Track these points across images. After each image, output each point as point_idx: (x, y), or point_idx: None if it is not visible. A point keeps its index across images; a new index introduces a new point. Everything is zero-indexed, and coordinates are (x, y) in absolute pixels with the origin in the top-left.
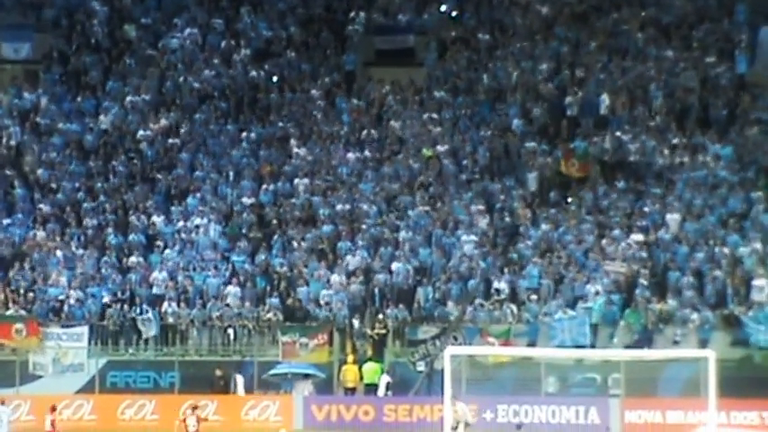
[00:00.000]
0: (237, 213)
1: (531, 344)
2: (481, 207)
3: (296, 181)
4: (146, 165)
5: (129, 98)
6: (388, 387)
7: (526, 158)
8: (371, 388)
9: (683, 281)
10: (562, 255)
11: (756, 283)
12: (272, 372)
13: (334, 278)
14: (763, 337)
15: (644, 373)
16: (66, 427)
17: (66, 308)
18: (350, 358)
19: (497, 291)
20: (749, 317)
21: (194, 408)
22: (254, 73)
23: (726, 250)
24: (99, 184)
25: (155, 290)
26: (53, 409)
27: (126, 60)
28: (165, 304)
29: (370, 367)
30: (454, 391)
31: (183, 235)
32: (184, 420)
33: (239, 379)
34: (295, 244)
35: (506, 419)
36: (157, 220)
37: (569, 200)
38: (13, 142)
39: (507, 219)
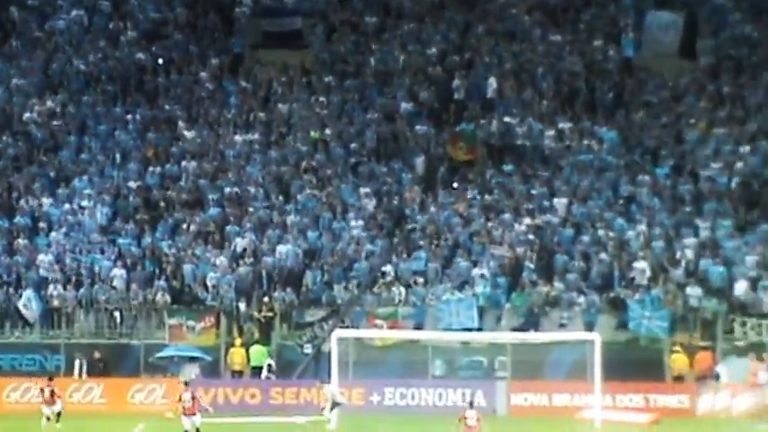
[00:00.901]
0: (124, 196)
1: (419, 327)
2: (369, 190)
3: (183, 164)
4: (32, 147)
5: (14, 80)
6: (270, 369)
7: (414, 142)
8: (258, 371)
9: (569, 264)
10: (449, 238)
11: (638, 265)
12: (159, 355)
13: (222, 261)
14: (645, 324)
15: (530, 355)
16: None
17: None
18: (237, 341)
19: (384, 274)
20: (635, 301)
21: (186, 383)
22: (140, 55)
23: (612, 234)
24: None
25: (41, 272)
26: None
27: (12, 42)
28: (51, 287)
29: (258, 350)
30: (341, 374)
31: (70, 217)
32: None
33: (77, 363)
34: (182, 227)
35: (393, 402)
36: (44, 202)
37: (456, 183)
38: None
39: (395, 202)
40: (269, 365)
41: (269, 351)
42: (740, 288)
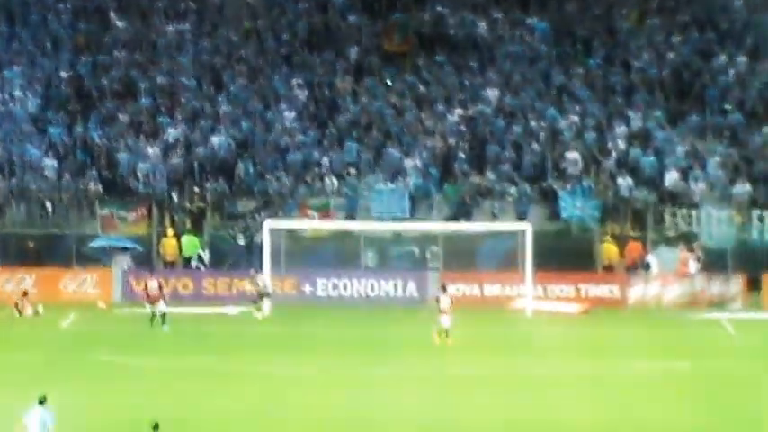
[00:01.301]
0: (55, 86)
1: (351, 218)
2: (301, 81)
3: (115, 53)
4: None
5: None
6: (200, 260)
7: (346, 32)
8: (190, 261)
9: (501, 154)
10: (381, 129)
11: (570, 156)
12: (91, 245)
13: (154, 151)
14: (577, 213)
15: (462, 246)
16: None
17: None
18: (169, 232)
19: (317, 164)
20: (566, 191)
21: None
22: None
23: (544, 124)
24: None
25: None
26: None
27: None
28: None
29: (189, 240)
30: (273, 265)
31: (1, 107)
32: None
33: None
34: (114, 117)
35: (325, 293)
36: None
37: (389, 74)
38: None
39: (327, 93)
40: (199, 255)
41: (201, 242)
42: (671, 178)
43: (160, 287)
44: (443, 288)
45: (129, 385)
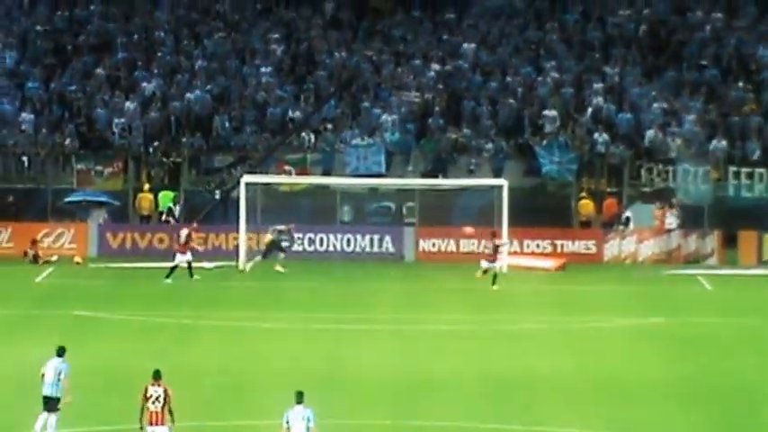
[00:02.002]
0: (32, 40)
1: (327, 173)
2: (278, 36)
3: (91, 7)
4: None
5: None
6: (170, 213)
7: None
8: (168, 218)
9: (477, 110)
10: (358, 84)
11: (548, 113)
12: (67, 199)
13: (130, 106)
14: (554, 168)
15: (438, 201)
16: None
17: None
18: (145, 186)
19: (293, 120)
20: (542, 147)
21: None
22: None
23: (520, 80)
24: None
25: None
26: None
27: None
28: None
29: (166, 195)
30: (249, 220)
31: None
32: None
33: None
34: (91, 71)
35: (302, 248)
36: None
37: (366, 29)
38: None
39: (304, 48)
40: (169, 208)
41: (174, 196)
42: (647, 134)
43: (188, 236)
44: (493, 235)
45: (103, 340)
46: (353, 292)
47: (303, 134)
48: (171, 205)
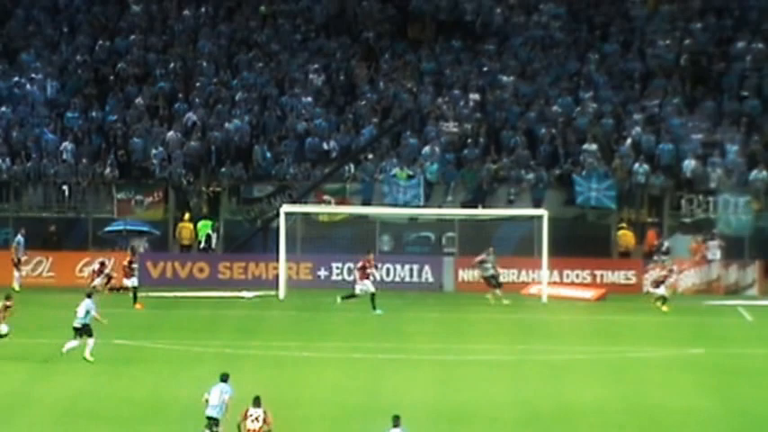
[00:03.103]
0: (72, 70)
1: (366, 202)
2: (317, 66)
3: (132, 37)
4: None
5: None
6: (207, 241)
7: (363, 17)
8: (206, 245)
9: (517, 140)
10: (398, 114)
11: (588, 147)
12: (108, 229)
13: (171, 136)
14: (593, 195)
15: (478, 231)
16: None
17: None
18: (185, 216)
19: (328, 151)
20: (581, 176)
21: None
22: None
23: (559, 110)
24: None
25: None
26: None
27: None
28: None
29: (205, 225)
30: (289, 249)
31: (19, 91)
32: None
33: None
34: (131, 101)
35: (341, 278)
36: None
37: (406, 59)
38: None
39: (343, 78)
40: (208, 235)
41: (212, 224)
42: (687, 165)
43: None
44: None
45: (143, 369)
46: (393, 322)
47: (342, 164)
48: (210, 232)
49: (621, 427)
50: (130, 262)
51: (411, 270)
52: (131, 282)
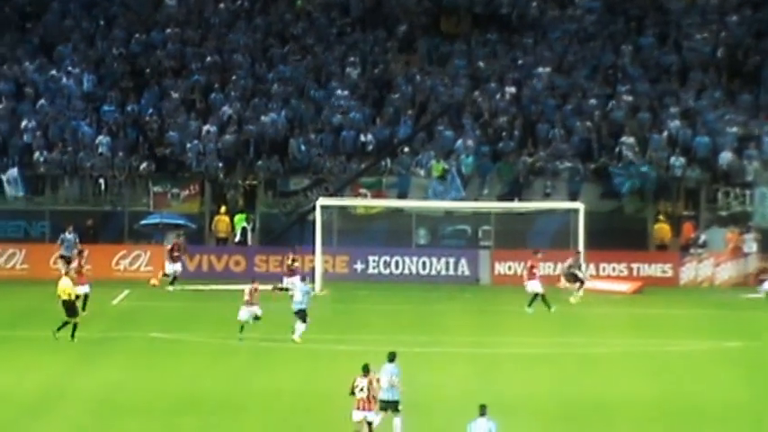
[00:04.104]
0: (108, 63)
1: (403, 196)
2: (353, 59)
3: (167, 31)
4: (16, 13)
5: None
6: (243, 234)
7: (399, 9)
8: (242, 239)
9: (553, 133)
10: (434, 107)
11: (625, 140)
12: (144, 222)
13: (206, 129)
14: (628, 182)
15: (514, 224)
16: None
17: None
18: (222, 209)
19: (369, 143)
20: (618, 168)
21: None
22: None
23: (595, 103)
24: None
25: (25, 138)
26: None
27: None
28: (36, 153)
29: (240, 218)
30: (325, 242)
31: (55, 85)
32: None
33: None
34: (167, 94)
35: (377, 270)
36: (28, 68)
37: (441, 52)
38: None
39: (379, 71)
40: (243, 228)
41: (247, 217)
42: (724, 158)
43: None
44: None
45: (179, 362)
46: (429, 315)
47: (378, 157)
48: (245, 225)
49: (658, 420)
50: (172, 249)
51: (447, 263)
52: (174, 267)
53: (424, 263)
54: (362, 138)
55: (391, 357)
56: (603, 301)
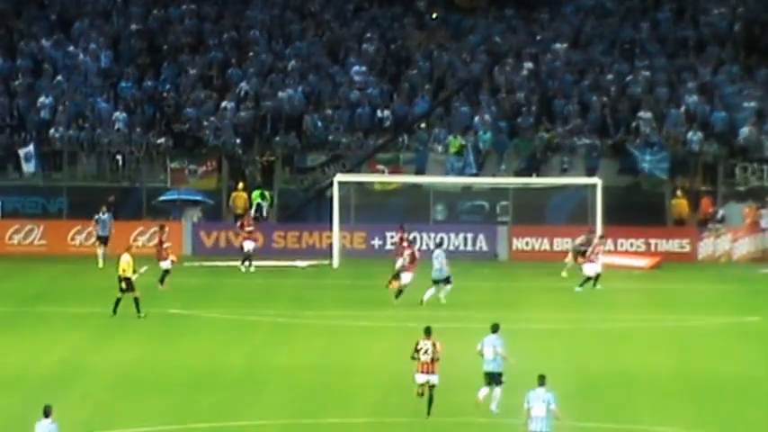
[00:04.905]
0: (126, 39)
1: (420, 172)
2: (370, 35)
3: (184, 7)
4: None
5: None
6: (258, 209)
7: None
8: (257, 215)
9: (570, 109)
10: (451, 83)
11: (643, 114)
12: (161, 198)
13: (224, 105)
14: (647, 167)
15: (532, 200)
16: None
17: None
18: (239, 185)
19: (386, 119)
20: (635, 145)
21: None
22: None
23: (613, 79)
24: None
25: (42, 114)
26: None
27: None
28: (53, 129)
29: (257, 194)
30: (343, 218)
31: (72, 61)
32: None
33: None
34: (184, 70)
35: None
36: (45, 45)
37: (459, 28)
38: None
39: (396, 47)
40: (258, 204)
41: (262, 193)
42: (741, 132)
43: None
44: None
45: (197, 338)
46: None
47: (396, 133)
48: (260, 201)
49: (677, 394)
50: (242, 225)
51: (465, 239)
52: (249, 245)
53: (441, 239)
54: (379, 114)
55: (494, 328)
56: (621, 277)
